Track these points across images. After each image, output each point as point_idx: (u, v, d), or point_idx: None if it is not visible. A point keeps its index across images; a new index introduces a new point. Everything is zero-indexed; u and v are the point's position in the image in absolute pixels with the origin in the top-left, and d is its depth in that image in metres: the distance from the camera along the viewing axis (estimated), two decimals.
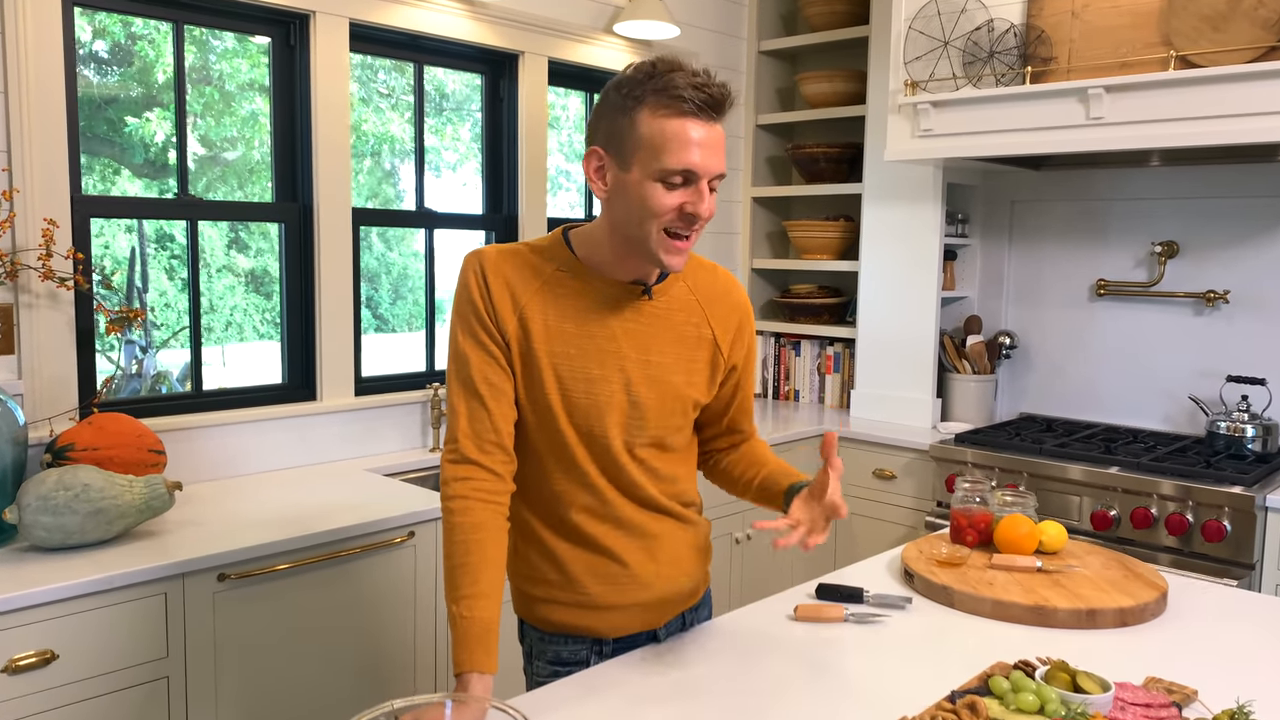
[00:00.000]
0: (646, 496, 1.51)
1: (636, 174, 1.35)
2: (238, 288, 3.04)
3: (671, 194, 1.34)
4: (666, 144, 1.32)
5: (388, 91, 3.16)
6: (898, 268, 3.59)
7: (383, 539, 2.26)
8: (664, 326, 1.49)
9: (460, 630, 1.31)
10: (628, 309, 1.46)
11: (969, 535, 1.94)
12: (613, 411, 1.45)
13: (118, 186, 2.55)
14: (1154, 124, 2.68)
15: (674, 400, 1.49)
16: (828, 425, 3.53)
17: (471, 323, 1.44)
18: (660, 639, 1.57)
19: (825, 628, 1.62)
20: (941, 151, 3.10)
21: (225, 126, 2.74)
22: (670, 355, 1.49)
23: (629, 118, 1.34)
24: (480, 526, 1.37)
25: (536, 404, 1.45)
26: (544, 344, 1.43)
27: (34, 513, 1.92)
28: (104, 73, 2.51)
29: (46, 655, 1.78)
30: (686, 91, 1.32)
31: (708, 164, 1.34)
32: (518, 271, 1.45)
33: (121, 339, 3.16)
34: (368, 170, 3.18)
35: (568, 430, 1.44)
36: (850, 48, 3.96)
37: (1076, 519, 2.88)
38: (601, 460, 1.47)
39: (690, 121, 1.33)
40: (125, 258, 2.83)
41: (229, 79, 2.71)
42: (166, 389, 2.96)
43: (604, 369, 1.44)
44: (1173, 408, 3.29)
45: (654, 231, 1.36)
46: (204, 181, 2.68)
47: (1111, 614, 1.63)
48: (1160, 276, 3.26)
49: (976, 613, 1.68)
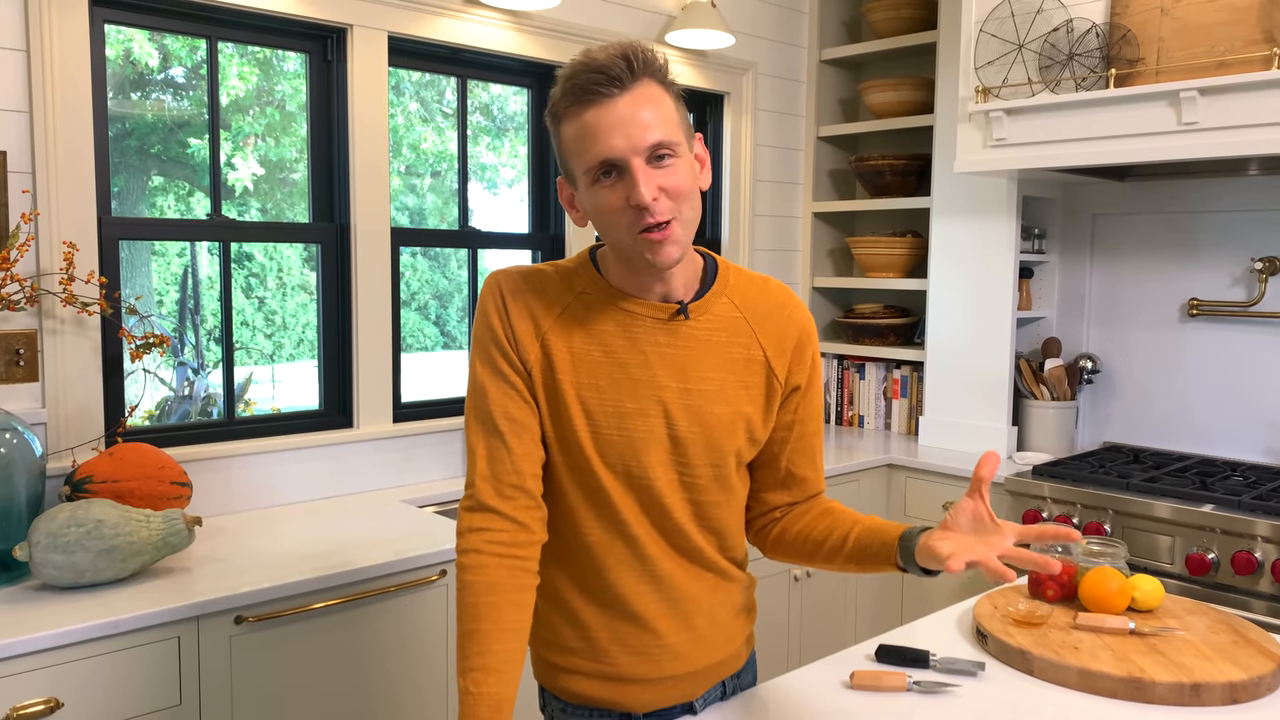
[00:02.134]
0: (692, 549, 1.34)
1: (582, 187, 1.25)
2: (310, 305, 2.99)
3: (614, 191, 1.21)
4: (580, 144, 1.21)
5: (451, 111, 3.07)
6: (969, 286, 3.37)
7: (413, 578, 2.13)
8: (705, 350, 1.32)
9: (467, 708, 1.15)
10: (662, 332, 1.30)
11: (1050, 589, 1.73)
12: (652, 449, 1.28)
13: (190, 209, 2.55)
14: (1254, 129, 2.44)
15: (724, 434, 1.31)
16: (894, 454, 3.32)
17: (491, 351, 1.29)
18: (697, 712, 1.39)
19: (886, 698, 1.44)
20: (1016, 162, 2.89)
21: (285, 146, 2.69)
22: (715, 383, 1.31)
23: (557, 137, 1.25)
24: (495, 588, 1.22)
25: (565, 442, 1.29)
26: (569, 374, 1.28)
27: (44, 550, 1.83)
28: (179, 97, 2.49)
29: (51, 703, 1.68)
30: (580, 79, 1.20)
31: (623, 143, 1.18)
32: (540, 295, 1.31)
33: (175, 362, 3.12)
34: (431, 187, 3.11)
35: (601, 471, 1.28)
36: (917, 54, 3.76)
37: (1169, 562, 2.63)
38: (644, 504, 1.30)
39: (590, 109, 1.19)
40: (177, 278, 2.80)
41: (290, 99, 2.66)
42: (218, 412, 2.90)
43: (638, 401, 1.28)
44: (1274, 439, 3.01)
45: (625, 236, 1.23)
46: (269, 202, 2.64)
47: (1220, 689, 1.42)
48: (1261, 295, 2.99)
49: (1059, 683, 1.48)
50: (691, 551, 1.34)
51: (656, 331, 1.30)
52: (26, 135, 2.13)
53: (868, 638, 2.57)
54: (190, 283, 3.29)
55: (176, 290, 3.17)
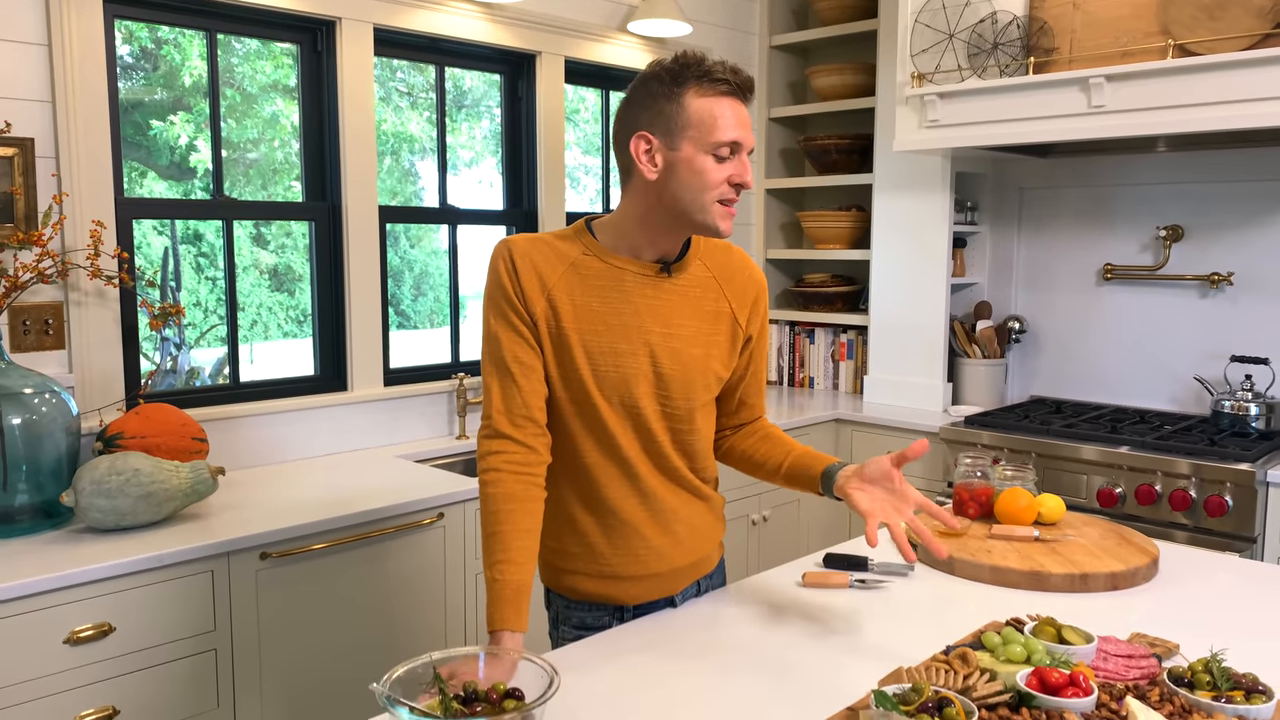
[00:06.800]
0: (671, 468, 1.62)
1: (688, 150, 1.48)
2: (262, 286, 3.15)
3: (721, 166, 1.49)
4: (715, 121, 1.47)
5: (407, 90, 3.27)
6: (908, 256, 3.67)
7: (413, 520, 2.38)
8: (684, 301, 1.59)
9: (494, 593, 1.42)
10: (650, 287, 1.57)
11: (971, 508, 2.03)
12: (640, 382, 1.55)
13: (144, 188, 2.67)
14: (1153, 111, 2.75)
15: (697, 372, 1.59)
16: (841, 410, 3.62)
17: (502, 306, 1.54)
18: (676, 604, 1.68)
19: (831, 593, 1.72)
20: (948, 141, 3.18)
21: (247, 128, 2.85)
22: (691, 328, 1.59)
23: (676, 103, 1.48)
24: (512, 497, 1.48)
25: (569, 380, 1.55)
26: (572, 322, 1.54)
27: (89, 496, 2.05)
28: (130, 77, 2.62)
29: (104, 628, 1.91)
30: (726, 75, 1.48)
31: (747, 137, 1.51)
32: (544, 257, 1.56)
33: (158, 337, 3.30)
34: (387, 169, 3.29)
35: (600, 403, 1.55)
36: (859, 41, 4.04)
37: (1084, 498, 2.96)
38: (635, 429, 1.57)
39: (730, 100, 1.49)
40: (159, 257, 2.96)
41: (250, 81, 2.82)
42: (200, 385, 3.10)
43: (630, 343, 1.55)
44: (1179, 388, 3.36)
45: (710, 202, 1.50)
46: (228, 182, 2.79)
47: (1103, 578, 1.73)
48: (1166, 260, 3.33)
49: (976, 579, 1.78)
50: (670, 470, 1.62)
51: (644, 286, 1.57)
52: (50, 123, 2.32)
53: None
54: (171, 261, 3.47)
55: (158, 268, 3.33)
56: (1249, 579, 1.80)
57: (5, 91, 2.26)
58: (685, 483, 1.64)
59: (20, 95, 2.28)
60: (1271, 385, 3.11)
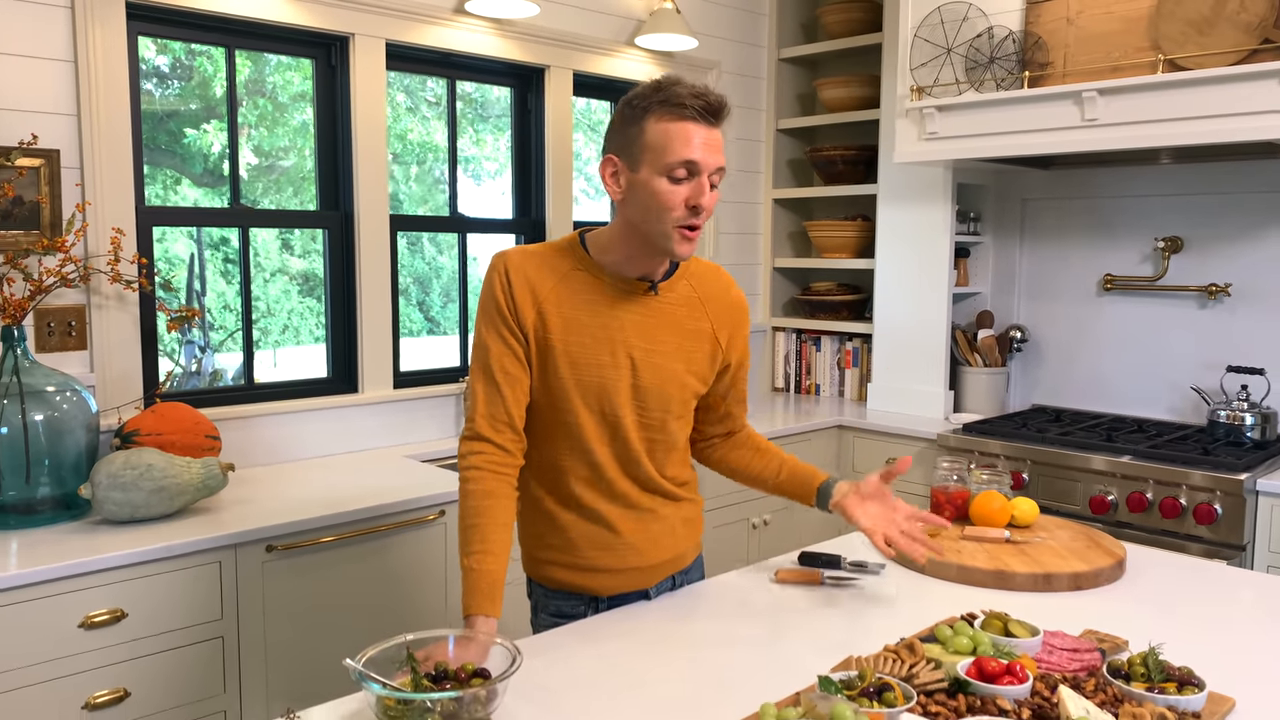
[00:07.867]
0: (642, 473, 1.69)
1: (645, 173, 1.54)
2: (292, 292, 3.26)
3: (676, 188, 1.53)
4: (670, 142, 1.52)
5: (436, 100, 3.37)
6: (911, 265, 3.73)
7: (415, 517, 2.47)
8: (668, 320, 1.67)
9: (470, 581, 1.51)
10: (636, 303, 1.65)
11: (946, 510, 2.10)
12: (620, 392, 1.63)
13: (179, 195, 2.80)
14: (1144, 124, 2.80)
15: (675, 386, 1.67)
16: (844, 417, 3.68)
17: (494, 317, 1.63)
18: (651, 597, 1.76)
19: (803, 589, 1.80)
20: (946, 153, 3.24)
21: (279, 136, 2.98)
22: (672, 344, 1.67)
23: (638, 126, 1.54)
24: (490, 494, 1.57)
25: (552, 389, 1.63)
26: (560, 334, 1.62)
27: (105, 489, 2.16)
28: (166, 87, 2.75)
29: (117, 613, 2.02)
30: (687, 99, 1.52)
31: (707, 159, 1.53)
32: (538, 270, 1.64)
33: (182, 340, 3.43)
34: (416, 178, 3.39)
35: (581, 410, 1.63)
36: (865, 54, 4.11)
37: (1078, 505, 3.01)
38: (612, 438, 1.65)
39: (690, 124, 1.52)
40: (184, 261, 3.08)
41: (282, 90, 2.94)
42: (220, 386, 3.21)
43: (613, 355, 1.63)
44: (1177, 398, 3.39)
45: (669, 225, 1.54)
46: (259, 188, 2.91)
47: (1066, 578, 1.78)
48: (1164, 271, 3.36)
49: (943, 577, 1.84)
50: (641, 475, 1.70)
51: (631, 302, 1.65)
52: (75, 135, 2.45)
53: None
54: (197, 267, 3.59)
55: (184, 274, 3.45)
56: (1211, 581, 1.85)
57: (33, 105, 2.38)
58: (656, 487, 1.72)
59: (47, 109, 2.40)
60: (1267, 395, 3.14)
